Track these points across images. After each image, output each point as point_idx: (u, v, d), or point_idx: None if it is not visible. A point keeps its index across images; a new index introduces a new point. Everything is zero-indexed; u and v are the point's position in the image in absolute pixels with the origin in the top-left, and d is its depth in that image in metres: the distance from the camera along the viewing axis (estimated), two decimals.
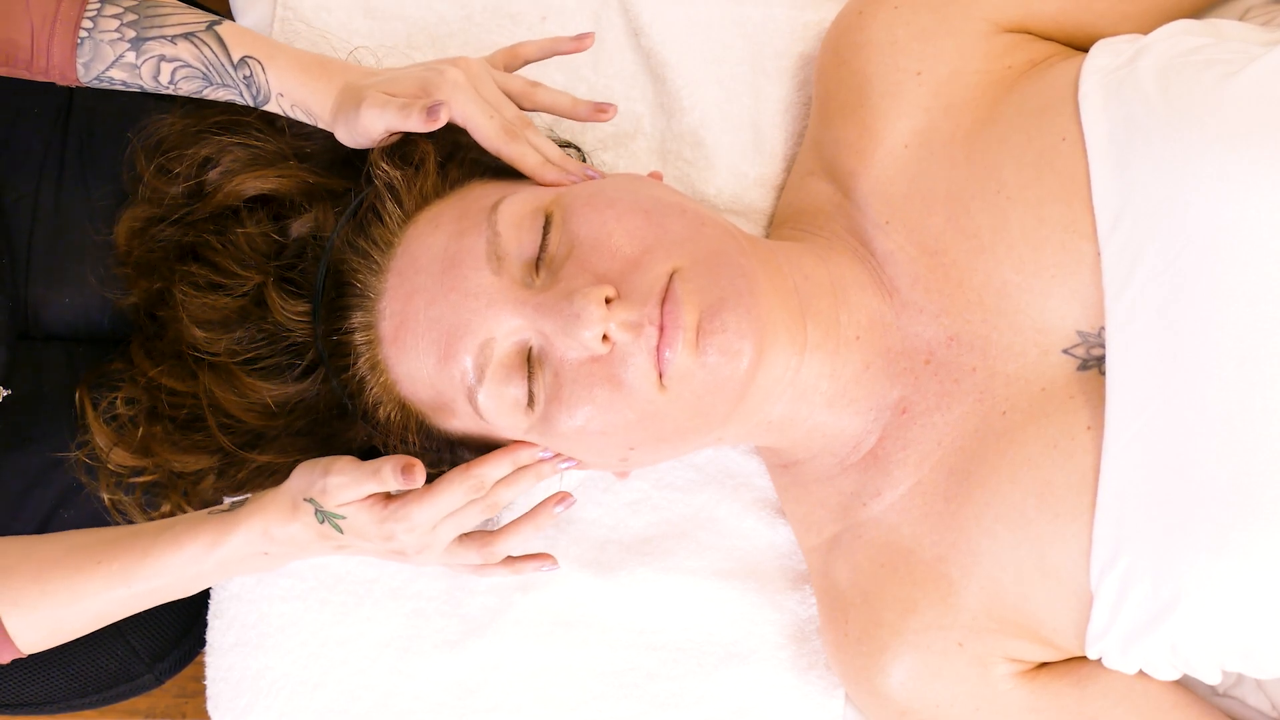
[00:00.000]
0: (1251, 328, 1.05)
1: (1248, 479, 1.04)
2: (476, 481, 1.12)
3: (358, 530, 1.13)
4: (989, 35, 1.20)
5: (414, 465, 1.08)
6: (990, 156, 1.15)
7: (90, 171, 1.34)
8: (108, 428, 1.24)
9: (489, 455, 1.13)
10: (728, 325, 1.08)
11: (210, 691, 1.33)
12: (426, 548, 1.15)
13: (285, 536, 1.14)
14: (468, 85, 1.13)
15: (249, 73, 1.15)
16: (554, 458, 1.13)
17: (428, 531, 1.13)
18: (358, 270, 1.13)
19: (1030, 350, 1.13)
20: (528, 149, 1.14)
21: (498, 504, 1.14)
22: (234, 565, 1.16)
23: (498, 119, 1.13)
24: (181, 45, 1.14)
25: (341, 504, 1.11)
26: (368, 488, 1.10)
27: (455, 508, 1.13)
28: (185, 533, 1.15)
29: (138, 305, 1.27)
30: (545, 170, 1.13)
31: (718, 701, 1.31)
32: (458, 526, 1.14)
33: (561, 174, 1.13)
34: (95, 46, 1.13)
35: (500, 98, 1.15)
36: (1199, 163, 1.06)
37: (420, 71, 1.14)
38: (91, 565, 1.15)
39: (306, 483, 1.12)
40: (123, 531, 1.17)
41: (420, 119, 1.10)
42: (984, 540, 1.13)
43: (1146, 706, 1.18)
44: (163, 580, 1.15)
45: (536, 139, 1.15)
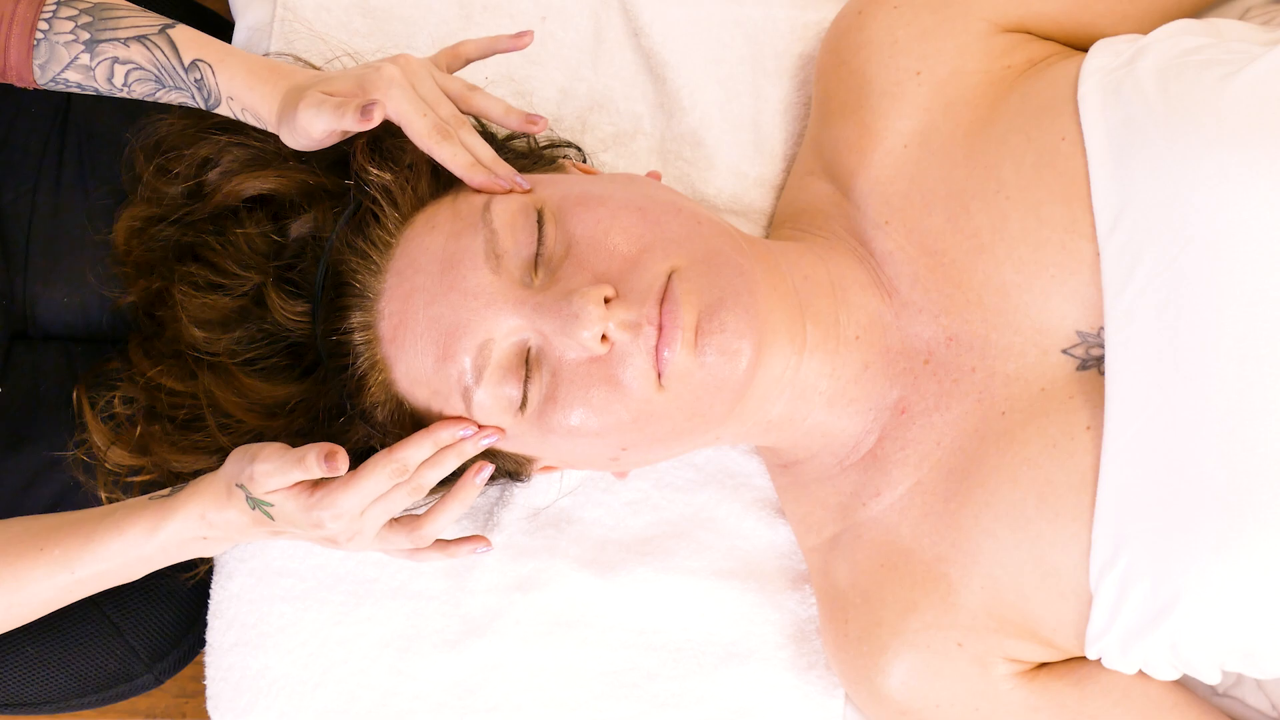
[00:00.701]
0: (1251, 328, 1.05)
1: (1247, 479, 1.04)
2: (399, 465, 1.11)
3: (286, 517, 1.13)
4: (989, 35, 1.20)
5: (336, 452, 1.08)
6: (990, 156, 1.15)
7: (89, 171, 1.34)
8: (105, 427, 1.24)
9: (410, 437, 1.12)
10: (726, 325, 1.08)
11: (210, 691, 1.33)
12: (357, 534, 1.14)
13: (222, 521, 1.14)
14: (404, 82, 1.12)
15: (199, 76, 1.15)
16: (475, 434, 1.12)
17: (355, 518, 1.12)
18: (357, 270, 1.13)
19: (1030, 350, 1.13)
20: (458, 149, 1.12)
21: (422, 486, 1.13)
22: (174, 549, 1.16)
23: (430, 117, 1.12)
24: (134, 47, 1.14)
25: (268, 491, 1.11)
26: (293, 475, 1.09)
27: (380, 492, 1.12)
28: (126, 518, 1.15)
29: (136, 305, 1.27)
30: (474, 173, 1.12)
31: (718, 701, 1.31)
32: (386, 512, 1.13)
33: (490, 178, 1.12)
34: (51, 48, 1.13)
35: (437, 95, 1.14)
36: (1199, 163, 1.06)
37: (359, 70, 1.13)
38: (34, 552, 1.15)
39: (237, 469, 1.12)
40: (67, 518, 1.18)
41: (354, 118, 1.08)
42: (984, 540, 1.13)
43: (1146, 706, 1.18)
44: (105, 565, 1.16)
45: (469, 139, 1.13)
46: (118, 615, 1.35)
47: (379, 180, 1.14)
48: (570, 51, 1.36)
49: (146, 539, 1.15)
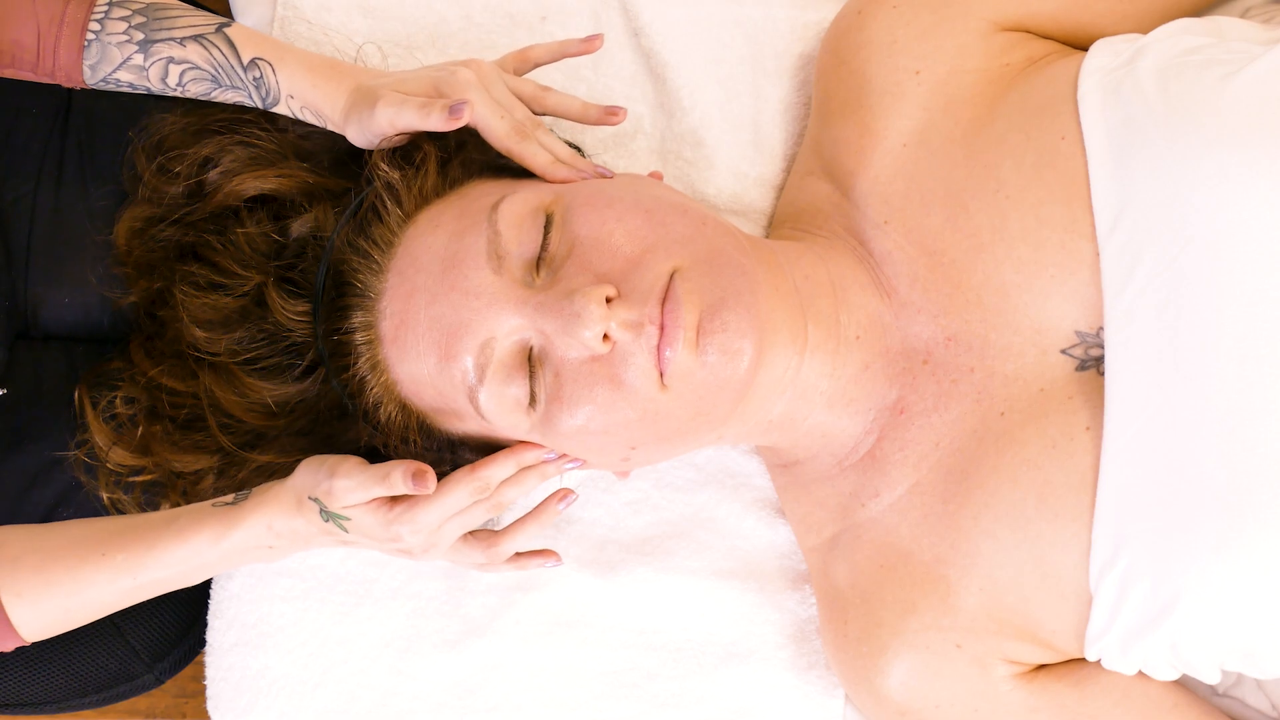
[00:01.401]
0: (1251, 328, 1.05)
1: (1247, 479, 1.04)
2: (482, 483, 1.12)
3: (363, 531, 1.13)
4: (988, 34, 1.20)
5: (425, 471, 1.09)
6: (989, 156, 1.15)
7: (89, 171, 1.33)
8: (107, 427, 1.24)
9: (494, 456, 1.13)
10: (728, 325, 1.08)
11: (210, 691, 1.33)
12: (432, 547, 1.15)
13: (289, 531, 1.14)
14: (479, 86, 1.14)
15: (259, 74, 1.15)
16: (559, 458, 1.14)
17: (433, 532, 1.13)
18: (358, 270, 1.13)
19: (1029, 350, 1.13)
20: (538, 149, 1.14)
21: (502, 504, 1.14)
22: (237, 557, 1.16)
23: (509, 119, 1.14)
24: (190, 47, 1.14)
25: (347, 506, 1.11)
26: (375, 492, 1.10)
27: (460, 508, 1.13)
28: (190, 525, 1.15)
29: (137, 305, 1.27)
30: (556, 169, 1.14)
31: (718, 701, 1.31)
32: (463, 526, 1.14)
33: (572, 172, 1.14)
34: (103, 49, 1.13)
35: (511, 99, 1.16)
36: (1198, 163, 1.06)
37: (431, 72, 1.15)
38: (96, 557, 1.15)
39: (312, 481, 1.12)
40: (127, 522, 1.17)
41: (442, 118, 1.10)
42: (983, 541, 1.13)
43: (1146, 707, 1.18)
44: (168, 572, 1.16)
45: (547, 139, 1.15)
46: (118, 615, 1.35)
47: (387, 177, 1.14)
48: None
49: (211, 547, 1.15)
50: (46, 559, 1.15)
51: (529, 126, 1.15)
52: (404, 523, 1.12)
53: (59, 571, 1.15)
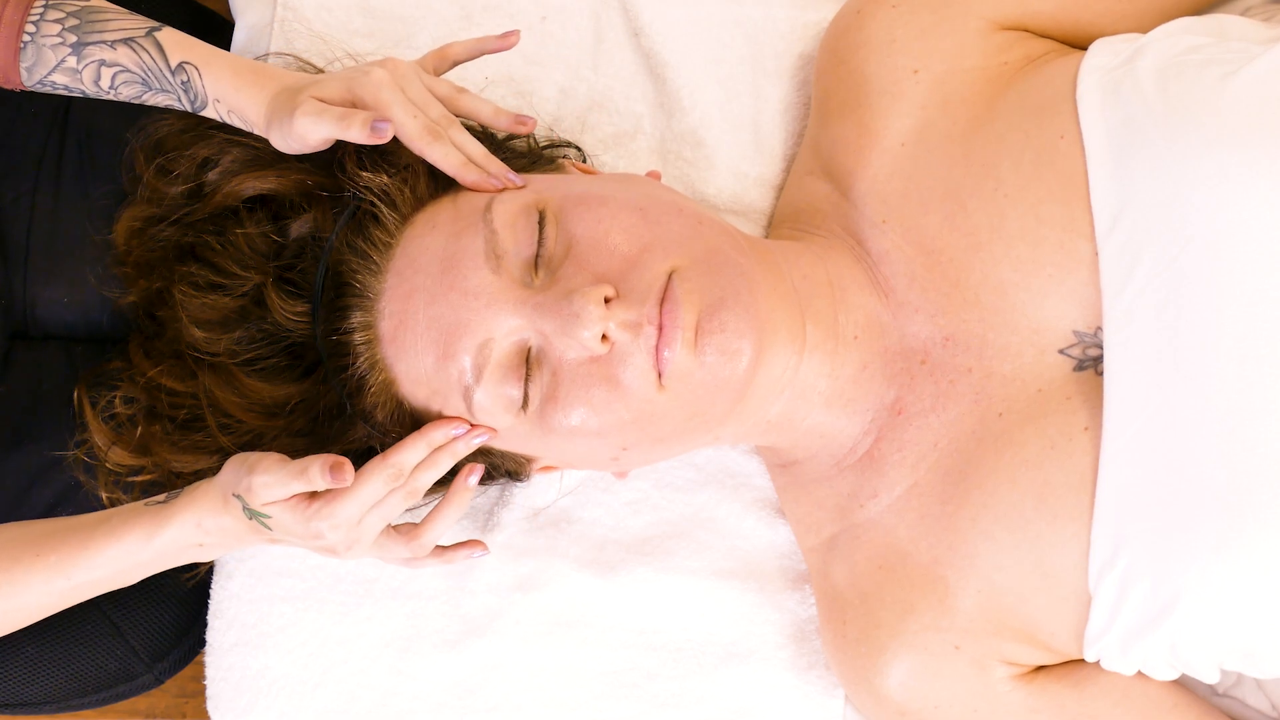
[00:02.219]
0: (1250, 328, 1.04)
1: (1247, 479, 1.04)
2: (394, 469, 1.11)
3: (284, 528, 1.13)
4: (987, 33, 1.20)
5: (342, 464, 1.08)
6: (988, 155, 1.15)
7: (89, 171, 1.33)
8: (106, 426, 1.24)
9: (403, 440, 1.12)
10: (727, 325, 1.08)
11: (210, 691, 1.33)
12: (355, 542, 1.14)
13: (217, 528, 1.14)
14: (393, 85, 1.12)
15: (186, 78, 1.15)
16: (467, 432, 1.12)
17: (353, 526, 1.12)
18: (357, 270, 1.13)
19: (1026, 350, 1.13)
20: (449, 149, 1.12)
21: (418, 489, 1.13)
22: (171, 555, 1.16)
23: (421, 119, 1.12)
24: (121, 50, 1.14)
25: (266, 503, 1.11)
26: (293, 487, 1.09)
27: (377, 498, 1.12)
28: (122, 524, 1.16)
29: (136, 305, 1.27)
30: (466, 171, 1.12)
31: (718, 701, 1.31)
32: (383, 518, 1.13)
33: (482, 176, 1.12)
34: (38, 51, 1.13)
35: (426, 98, 1.14)
36: (1198, 163, 1.06)
37: (347, 73, 1.14)
38: (31, 557, 1.16)
39: (234, 478, 1.12)
40: (62, 524, 1.18)
41: (363, 132, 1.09)
42: (980, 543, 1.13)
43: (1146, 707, 1.18)
44: (102, 571, 1.16)
45: (460, 137, 1.14)
46: (118, 615, 1.35)
47: (374, 183, 1.14)
48: (570, 51, 1.36)
49: (143, 545, 1.15)
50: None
51: (443, 125, 1.13)
52: (322, 518, 1.11)
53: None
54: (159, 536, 1.15)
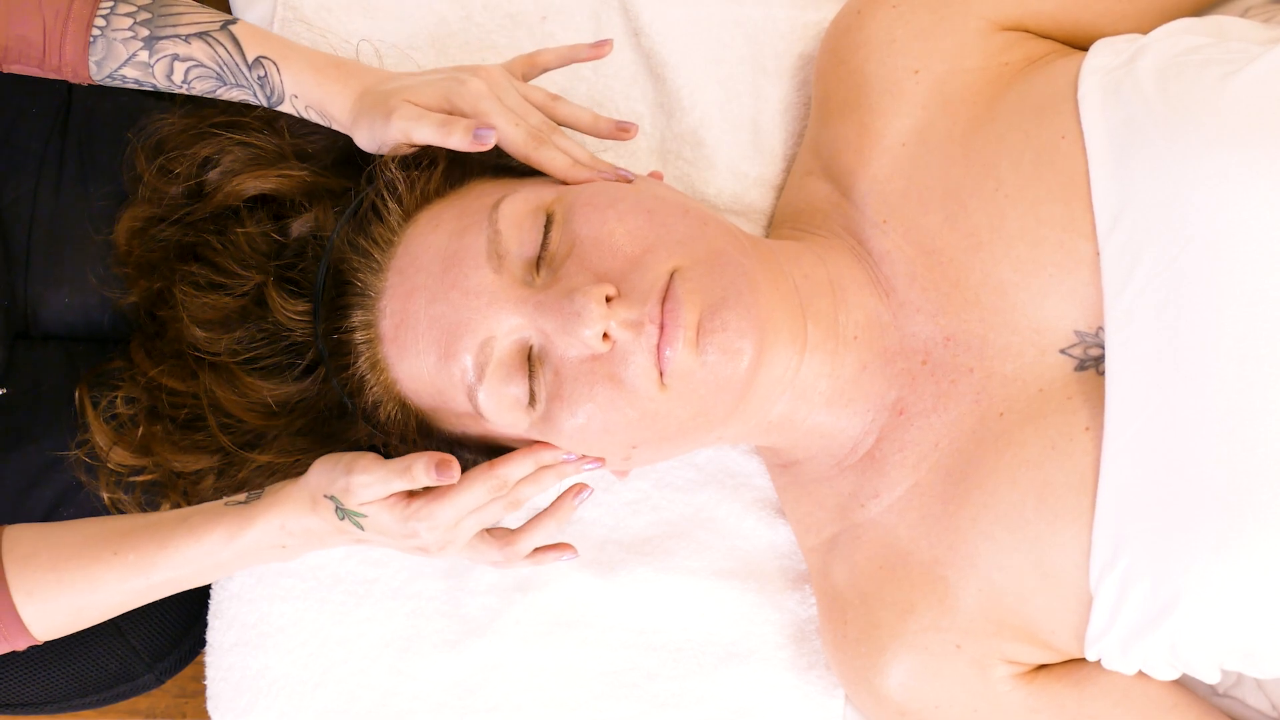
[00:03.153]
0: (1251, 328, 1.05)
1: (1247, 479, 1.04)
2: (500, 480, 1.12)
3: (380, 528, 1.13)
4: (987, 33, 1.20)
5: (449, 462, 1.08)
6: (988, 154, 1.15)
7: (90, 171, 1.33)
8: (107, 426, 1.24)
9: (513, 454, 1.13)
10: (728, 324, 1.08)
11: (210, 691, 1.33)
12: (449, 543, 1.14)
13: (302, 530, 1.14)
14: (491, 95, 1.13)
15: (264, 73, 1.15)
16: (578, 459, 1.13)
17: (450, 529, 1.13)
18: (358, 269, 1.13)
19: (1027, 350, 1.13)
20: (556, 153, 1.13)
21: (519, 501, 1.14)
22: (251, 556, 1.16)
23: (524, 126, 1.13)
24: (195, 44, 1.14)
25: (364, 503, 1.11)
26: (394, 486, 1.10)
27: (478, 505, 1.12)
28: (203, 524, 1.15)
29: (138, 305, 1.27)
30: (576, 171, 1.13)
31: (718, 701, 1.31)
32: (479, 523, 1.14)
33: (592, 173, 1.13)
34: (108, 45, 1.13)
35: (524, 105, 1.15)
36: (1198, 163, 1.06)
37: (442, 81, 1.14)
38: (109, 555, 1.15)
39: (328, 480, 1.12)
40: (140, 521, 1.17)
41: (464, 140, 1.10)
42: (981, 543, 1.13)
43: (1146, 707, 1.18)
44: (181, 571, 1.15)
45: (564, 142, 1.15)
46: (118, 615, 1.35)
47: (390, 177, 1.14)
48: None
49: (224, 546, 1.14)
50: (59, 558, 1.14)
51: (545, 131, 1.15)
52: (421, 519, 1.11)
53: (72, 571, 1.14)
54: (241, 537, 1.14)
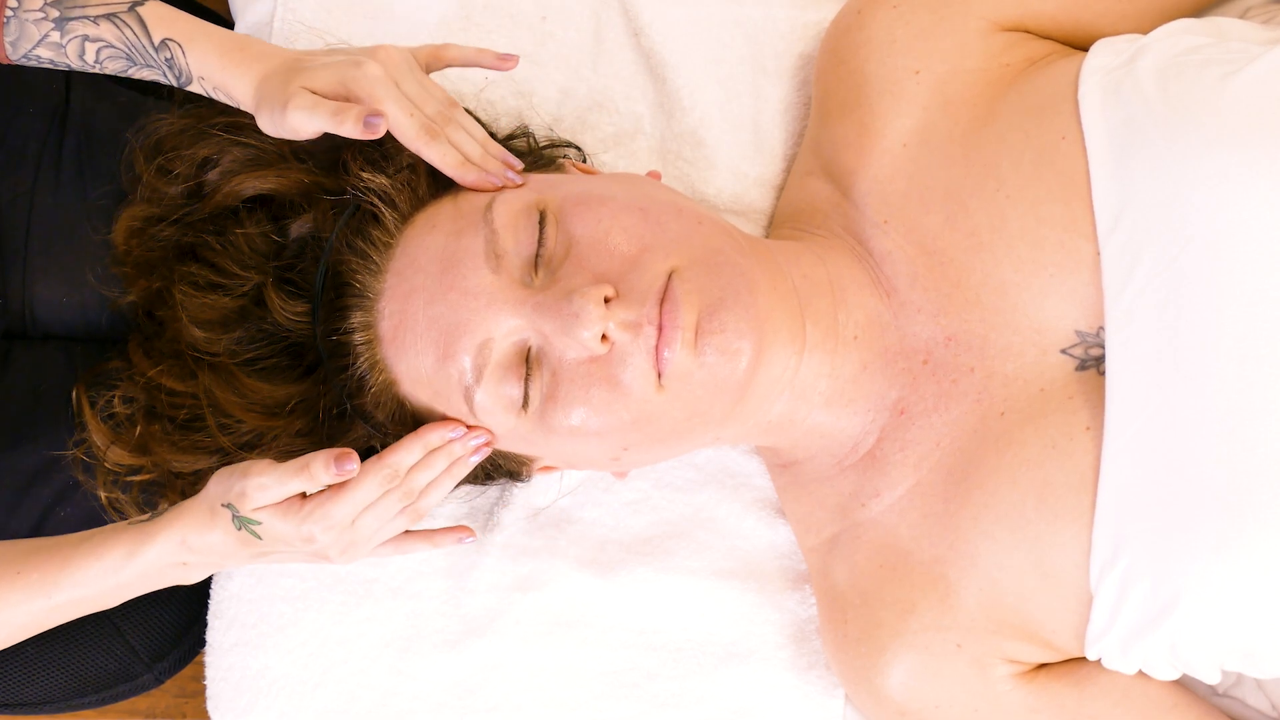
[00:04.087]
0: (1251, 328, 1.05)
1: (1247, 479, 1.04)
2: (389, 470, 1.10)
3: (276, 535, 1.11)
4: (987, 34, 1.20)
5: (347, 454, 1.06)
6: (989, 155, 1.15)
7: (88, 170, 1.33)
8: (105, 426, 1.23)
9: (400, 441, 1.11)
10: (726, 325, 1.08)
11: (210, 691, 1.33)
12: (350, 545, 1.13)
13: (203, 545, 1.12)
14: (387, 79, 1.10)
15: (170, 55, 1.13)
16: (464, 435, 1.11)
17: (346, 528, 1.11)
18: (357, 271, 1.13)
19: (1029, 350, 1.13)
20: (448, 149, 1.11)
21: (413, 490, 1.12)
22: (154, 575, 1.14)
23: (418, 117, 1.10)
24: (104, 25, 1.12)
25: (260, 507, 1.09)
26: (291, 487, 1.08)
27: (371, 499, 1.11)
28: (103, 543, 1.14)
29: (136, 304, 1.27)
30: (464, 171, 1.11)
31: (718, 701, 1.31)
32: (378, 520, 1.13)
33: (481, 175, 1.11)
34: (20, 25, 1.12)
35: (422, 93, 1.12)
36: (1199, 163, 1.06)
37: (339, 65, 1.10)
38: (11, 575, 1.14)
39: (224, 488, 1.10)
40: (44, 542, 1.16)
41: (356, 128, 1.07)
42: (982, 542, 1.13)
43: (1146, 707, 1.18)
44: (82, 591, 1.14)
45: (457, 135, 1.12)
46: (118, 615, 1.35)
47: (374, 183, 1.14)
48: (570, 51, 1.36)
49: (124, 564, 1.13)
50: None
51: (440, 122, 1.11)
52: (315, 520, 1.10)
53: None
54: (141, 554, 1.12)
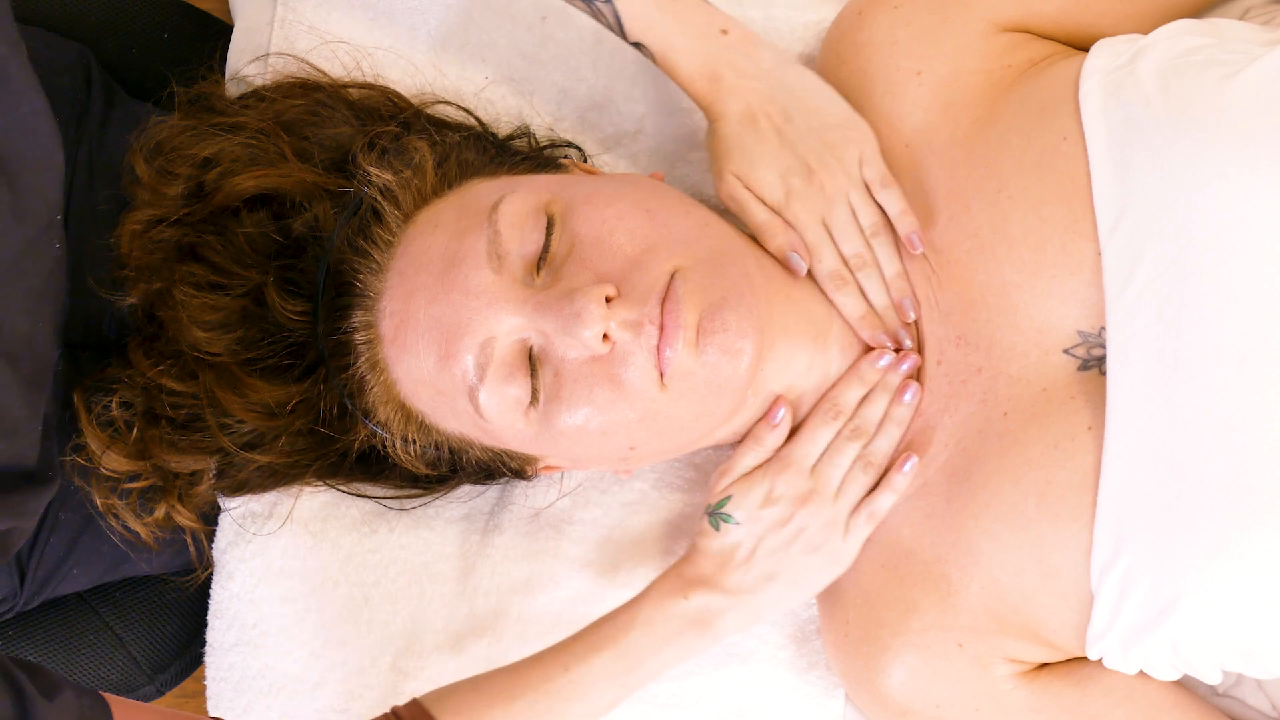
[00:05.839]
0: (1252, 328, 1.05)
1: (1248, 479, 1.04)
2: (832, 406, 1.16)
3: (746, 506, 1.16)
4: (989, 35, 1.20)
5: (776, 405, 1.15)
6: (990, 156, 1.15)
7: (98, 178, 1.33)
8: (101, 432, 1.23)
9: (838, 383, 1.17)
10: (728, 324, 1.08)
11: (210, 691, 1.33)
12: (820, 502, 1.16)
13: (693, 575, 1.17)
14: (816, 218, 1.17)
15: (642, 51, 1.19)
16: (893, 360, 1.16)
17: (809, 479, 1.15)
18: (358, 270, 1.13)
19: (1032, 350, 1.13)
20: (853, 299, 1.17)
21: (864, 428, 1.16)
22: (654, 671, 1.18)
23: (829, 261, 1.17)
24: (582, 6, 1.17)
25: (724, 489, 1.16)
26: (747, 460, 1.16)
27: (824, 439, 1.16)
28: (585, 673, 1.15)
29: (137, 306, 1.27)
30: (862, 326, 1.17)
31: (718, 701, 1.31)
32: (836, 466, 1.16)
33: (875, 334, 1.17)
34: None
35: (848, 228, 1.17)
36: (1199, 163, 1.06)
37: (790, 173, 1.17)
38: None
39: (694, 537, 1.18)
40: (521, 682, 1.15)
41: (777, 253, 1.16)
42: (984, 541, 1.13)
43: (1147, 707, 1.18)
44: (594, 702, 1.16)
45: (869, 282, 1.17)
46: (120, 626, 1.35)
47: (379, 180, 1.14)
48: (570, 51, 1.36)
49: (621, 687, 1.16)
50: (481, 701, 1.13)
51: (856, 265, 1.17)
52: (775, 471, 1.16)
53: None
54: (636, 673, 1.16)
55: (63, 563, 1.31)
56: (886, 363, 1.16)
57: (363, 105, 1.25)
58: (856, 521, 1.18)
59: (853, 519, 1.18)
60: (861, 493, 1.18)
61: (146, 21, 1.42)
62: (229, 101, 1.26)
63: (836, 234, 1.17)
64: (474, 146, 1.19)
